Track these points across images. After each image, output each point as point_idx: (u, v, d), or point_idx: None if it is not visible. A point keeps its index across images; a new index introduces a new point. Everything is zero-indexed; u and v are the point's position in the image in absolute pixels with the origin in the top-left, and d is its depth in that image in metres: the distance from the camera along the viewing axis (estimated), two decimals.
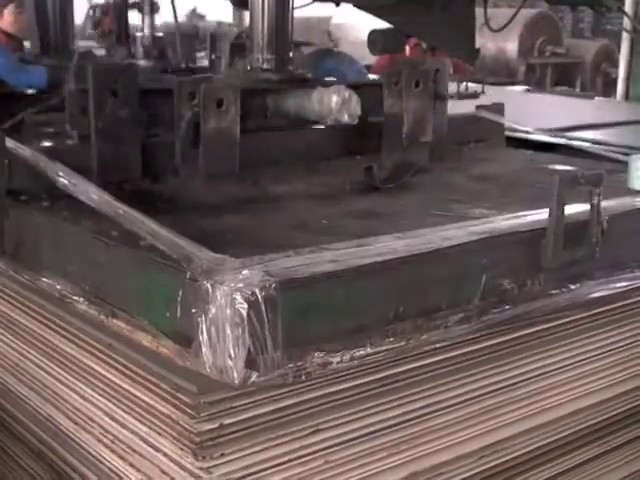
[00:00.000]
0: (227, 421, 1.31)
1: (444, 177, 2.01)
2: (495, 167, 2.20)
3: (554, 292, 1.53)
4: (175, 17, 3.66)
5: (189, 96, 1.77)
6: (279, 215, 1.65)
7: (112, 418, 1.51)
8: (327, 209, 1.71)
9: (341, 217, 1.65)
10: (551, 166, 2.19)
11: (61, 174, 1.49)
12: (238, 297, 1.11)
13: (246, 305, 1.11)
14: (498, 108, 2.48)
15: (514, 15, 3.51)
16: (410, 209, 1.73)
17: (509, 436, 1.65)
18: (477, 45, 3.57)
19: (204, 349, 1.14)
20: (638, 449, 1.92)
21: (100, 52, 3.56)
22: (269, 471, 1.37)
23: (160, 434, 1.39)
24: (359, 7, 3.53)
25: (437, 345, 1.49)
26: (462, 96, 4.14)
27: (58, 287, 1.44)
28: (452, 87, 2.51)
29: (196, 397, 1.29)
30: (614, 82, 7.71)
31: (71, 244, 1.44)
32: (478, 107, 2.49)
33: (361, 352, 1.25)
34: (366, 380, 1.45)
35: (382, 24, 4.02)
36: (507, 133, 2.56)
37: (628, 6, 5.70)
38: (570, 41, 10.11)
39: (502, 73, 8.86)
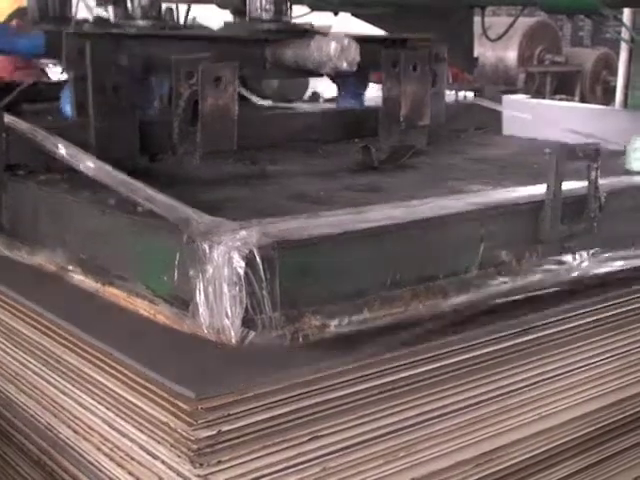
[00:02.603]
0: (225, 428, 1.32)
1: (442, 159, 2.01)
2: (494, 150, 2.20)
3: (552, 267, 1.53)
4: None
5: (187, 75, 1.77)
6: (277, 188, 1.65)
7: (111, 426, 1.51)
8: (325, 184, 1.71)
9: (339, 190, 1.65)
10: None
11: (59, 146, 1.49)
12: (235, 256, 1.10)
13: (243, 264, 1.10)
14: (496, 97, 2.48)
15: (511, 24, 3.52)
16: (408, 185, 1.72)
17: (507, 443, 1.66)
18: (476, 54, 3.59)
19: (201, 310, 1.14)
20: (635, 457, 1.92)
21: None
22: (267, 478, 1.37)
23: (158, 442, 1.39)
24: (357, 16, 3.55)
25: (431, 354, 1.50)
26: None
27: (55, 259, 1.43)
28: (451, 96, 2.51)
29: (193, 404, 1.30)
30: (614, 90, 7.72)
31: (68, 214, 1.44)
32: (476, 95, 2.50)
33: (359, 317, 1.24)
34: (364, 387, 1.46)
35: (380, 33, 4.03)
36: None
37: (626, 15, 5.71)
38: (569, 50, 10.13)
39: (501, 81, 8.87)
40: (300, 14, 3.73)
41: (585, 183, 1.57)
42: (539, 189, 1.51)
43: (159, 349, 1.49)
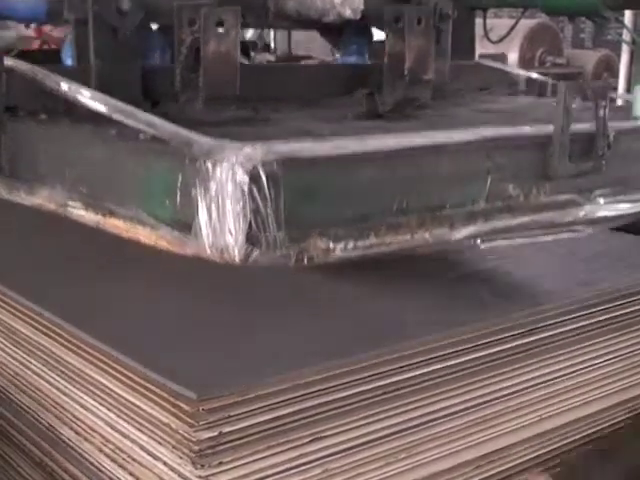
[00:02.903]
0: (226, 429, 1.31)
1: (448, 110, 1.99)
2: (499, 104, 2.18)
3: (560, 205, 1.51)
4: None
5: (189, 21, 1.76)
6: (280, 127, 1.62)
7: (113, 427, 1.51)
8: (330, 126, 1.68)
9: (344, 130, 1.62)
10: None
11: (60, 83, 1.47)
12: (239, 171, 1.09)
13: (247, 179, 1.09)
14: (501, 57, 2.45)
15: (513, 26, 3.51)
16: (415, 128, 1.66)
17: (509, 445, 1.65)
18: (477, 56, 3.57)
19: (204, 230, 1.12)
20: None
21: None
22: (269, 479, 1.37)
23: (159, 443, 1.39)
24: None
25: (434, 355, 1.50)
26: None
27: (55, 197, 1.41)
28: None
29: (195, 405, 1.30)
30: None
31: (68, 149, 1.42)
32: (480, 56, 2.47)
33: (365, 242, 1.21)
34: (365, 388, 1.46)
35: (381, 35, 4.02)
36: None
37: (627, 17, 5.71)
38: (571, 51, 10.12)
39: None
40: None
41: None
42: (547, 128, 1.48)
43: (160, 349, 1.50)
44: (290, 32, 4.09)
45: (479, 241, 1.43)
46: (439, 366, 1.53)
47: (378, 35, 2.50)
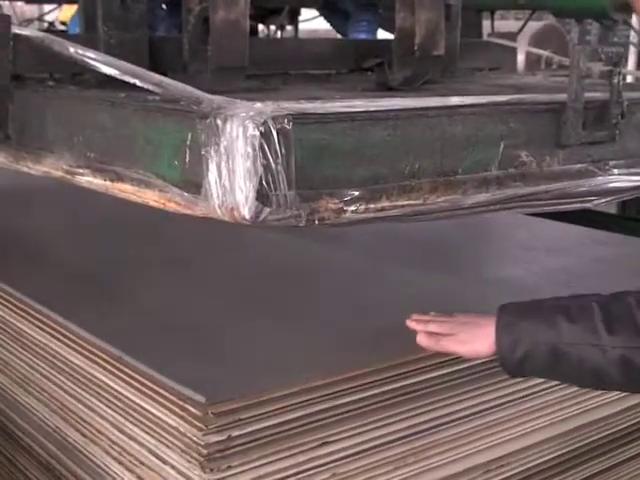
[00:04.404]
0: (235, 433, 1.31)
1: (458, 86, 1.97)
2: (510, 80, 2.17)
3: (573, 174, 1.48)
4: None
5: None
6: (291, 95, 1.60)
7: (120, 430, 1.51)
8: (340, 95, 1.63)
9: (355, 96, 1.56)
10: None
11: (68, 47, 1.43)
12: (250, 126, 1.06)
13: (258, 133, 1.06)
14: (511, 36, 2.43)
15: (521, 28, 3.51)
16: (427, 96, 1.67)
17: (517, 449, 1.65)
18: None
19: (214, 189, 1.10)
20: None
21: None
22: None
23: (168, 446, 1.39)
24: None
25: (444, 359, 1.50)
26: None
27: (62, 164, 1.39)
28: None
29: (204, 409, 1.30)
30: None
31: (76, 114, 1.40)
32: (490, 34, 2.44)
33: (377, 205, 1.19)
34: (373, 393, 1.46)
35: (386, 35, 4.02)
36: None
37: (635, 19, 5.69)
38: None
39: None
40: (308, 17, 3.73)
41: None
42: (562, 96, 1.47)
43: (169, 352, 1.50)
44: (297, 27, 4.05)
45: None
46: (447, 371, 1.53)
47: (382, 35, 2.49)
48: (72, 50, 1.42)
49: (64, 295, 1.82)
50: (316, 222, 1.14)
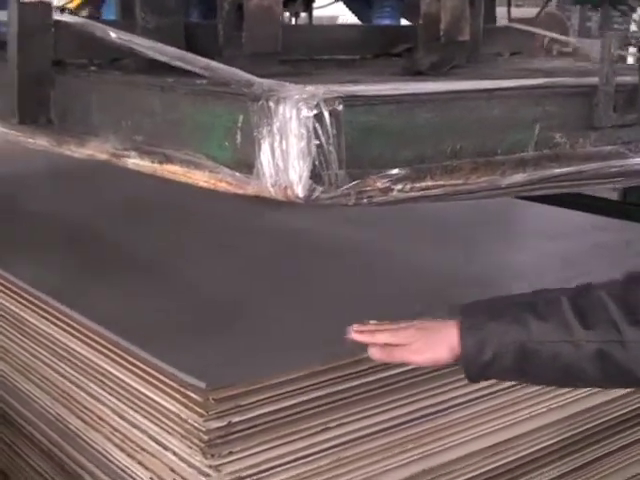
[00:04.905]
0: (236, 419, 1.32)
1: (484, 70, 1.99)
2: (535, 65, 2.18)
3: (605, 156, 1.50)
4: None
5: None
6: (327, 78, 1.63)
7: (121, 417, 1.51)
8: (373, 79, 1.68)
9: (387, 81, 1.59)
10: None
11: (110, 33, 1.46)
12: (303, 108, 1.10)
13: (312, 114, 1.10)
14: (532, 21, 2.43)
15: (538, 13, 3.48)
16: (458, 81, 1.69)
17: (519, 434, 1.65)
18: None
19: (266, 168, 1.13)
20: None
21: None
22: (278, 469, 1.37)
23: (169, 432, 1.39)
24: None
25: None
26: None
27: (107, 147, 1.42)
28: None
29: (204, 395, 1.30)
30: None
31: (122, 99, 1.43)
32: (511, 19, 2.45)
33: (422, 184, 1.22)
34: (375, 378, 1.46)
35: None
36: None
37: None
38: (577, 40, 10.08)
39: None
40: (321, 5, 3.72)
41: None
42: (593, 79, 1.50)
43: (170, 339, 1.50)
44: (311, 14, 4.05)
45: None
46: None
47: None
48: (115, 36, 1.45)
49: (64, 282, 1.82)
50: (364, 201, 1.18)
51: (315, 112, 1.10)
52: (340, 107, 1.12)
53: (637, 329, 1.17)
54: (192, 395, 1.32)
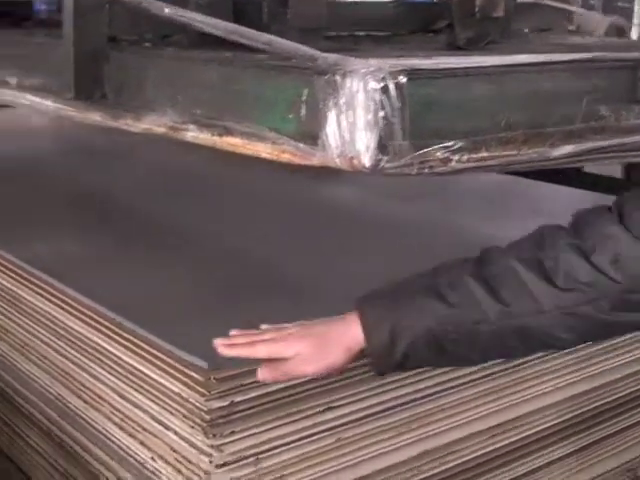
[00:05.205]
0: (238, 399, 1.31)
1: (521, 46, 2.02)
2: (569, 41, 2.19)
3: None
4: None
5: None
6: (370, 54, 1.65)
7: (122, 396, 1.51)
8: (419, 53, 1.71)
9: (433, 53, 1.63)
10: None
11: (165, 9, 1.46)
12: (371, 81, 1.14)
13: (379, 88, 1.13)
14: None
15: None
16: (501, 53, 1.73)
17: (523, 414, 1.64)
18: None
19: (332, 140, 1.16)
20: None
21: None
22: (281, 449, 1.36)
23: (170, 412, 1.38)
24: None
25: None
26: None
27: (164, 121, 1.44)
28: None
29: (206, 374, 1.29)
30: None
31: (180, 74, 1.46)
32: None
33: (478, 155, 1.25)
34: None
35: None
36: None
37: None
38: (581, 17, 10.04)
39: None
40: None
41: None
42: (635, 55, 1.52)
43: (171, 317, 1.49)
44: None
45: None
46: None
47: None
48: (171, 12, 1.46)
49: (62, 260, 1.81)
50: (425, 170, 1.21)
51: (382, 85, 1.14)
52: (404, 80, 1.16)
53: (554, 295, 1.12)
54: (194, 374, 1.31)
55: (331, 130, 1.17)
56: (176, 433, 1.37)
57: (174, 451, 1.38)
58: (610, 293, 1.11)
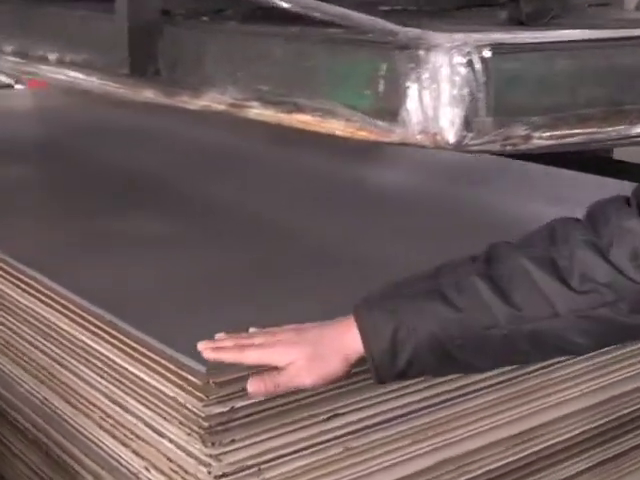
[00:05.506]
0: (239, 404, 1.31)
1: (586, 21, 2.03)
2: (631, 15, 2.20)
3: None
4: None
5: None
6: (437, 27, 1.69)
7: (113, 401, 1.52)
8: (482, 28, 1.74)
9: (497, 28, 1.65)
10: None
11: None
12: (456, 56, 1.17)
13: (464, 62, 1.17)
14: None
15: None
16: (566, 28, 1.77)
17: (547, 421, 1.65)
18: None
19: (413, 116, 1.20)
20: None
21: None
22: (284, 459, 1.37)
23: (165, 418, 1.39)
24: None
25: None
26: None
27: (225, 98, 1.48)
28: None
29: (204, 378, 1.30)
30: None
31: (242, 49, 1.49)
32: None
33: (559, 132, 1.29)
34: None
35: None
36: None
37: None
38: None
39: None
40: None
41: None
42: None
43: (166, 317, 1.50)
44: None
45: None
46: None
47: None
48: None
49: (47, 251, 1.83)
50: (507, 148, 1.25)
51: (467, 59, 1.18)
52: (489, 54, 1.19)
53: (569, 298, 1.12)
54: (191, 378, 1.32)
55: (412, 106, 1.20)
56: (172, 441, 1.38)
57: (169, 460, 1.39)
58: (629, 294, 1.11)
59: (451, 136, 1.19)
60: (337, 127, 1.31)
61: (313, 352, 1.21)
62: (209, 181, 2.45)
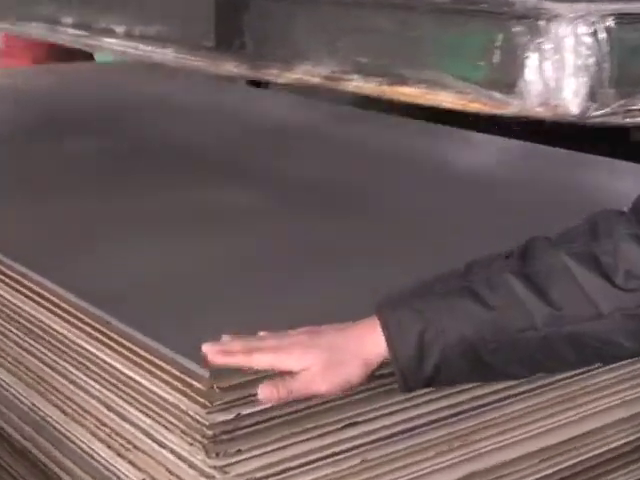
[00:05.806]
0: (245, 411, 1.32)
1: None
2: None
3: None
4: None
5: None
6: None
7: (109, 408, 1.52)
8: None
9: None
10: None
11: None
12: (581, 26, 1.22)
13: (590, 32, 1.22)
14: None
15: None
16: None
17: (584, 433, 1.65)
18: None
19: (533, 88, 1.25)
20: None
21: None
22: (295, 471, 1.37)
23: (165, 427, 1.39)
24: None
25: None
26: None
27: (319, 70, 1.52)
28: None
29: (208, 383, 1.30)
30: None
31: (339, 19, 1.53)
32: None
33: None
34: None
35: None
36: None
37: None
38: None
39: None
40: None
41: None
42: None
43: (167, 318, 1.50)
44: None
45: None
46: None
47: None
48: None
49: (35, 243, 1.83)
50: (627, 120, 1.30)
51: (592, 29, 1.23)
52: (613, 24, 1.24)
53: (614, 296, 1.12)
54: (194, 383, 1.32)
55: (532, 77, 1.25)
56: (172, 451, 1.38)
57: (170, 472, 1.39)
58: None
59: (575, 107, 1.24)
60: (446, 99, 1.36)
61: (330, 357, 1.21)
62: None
